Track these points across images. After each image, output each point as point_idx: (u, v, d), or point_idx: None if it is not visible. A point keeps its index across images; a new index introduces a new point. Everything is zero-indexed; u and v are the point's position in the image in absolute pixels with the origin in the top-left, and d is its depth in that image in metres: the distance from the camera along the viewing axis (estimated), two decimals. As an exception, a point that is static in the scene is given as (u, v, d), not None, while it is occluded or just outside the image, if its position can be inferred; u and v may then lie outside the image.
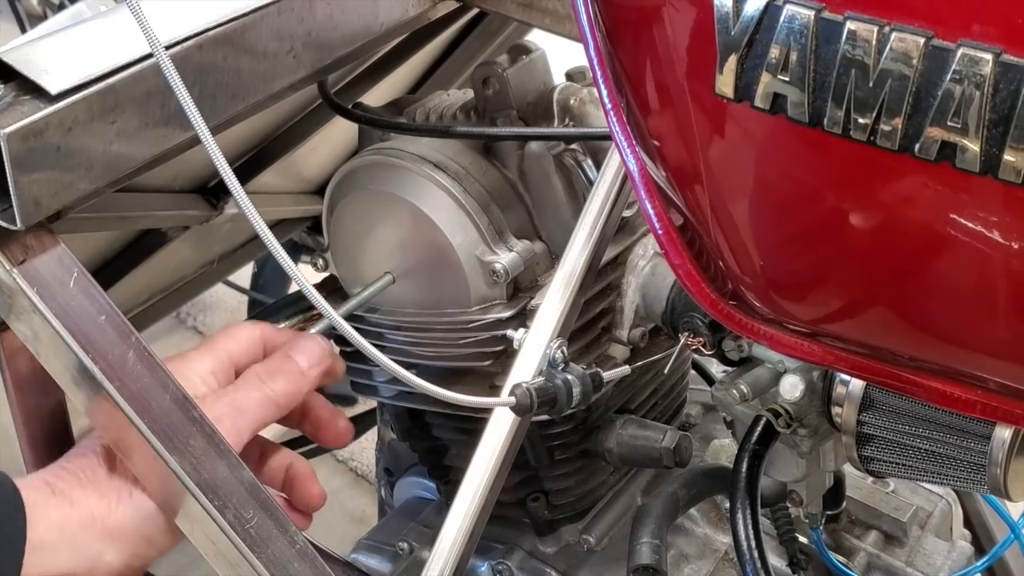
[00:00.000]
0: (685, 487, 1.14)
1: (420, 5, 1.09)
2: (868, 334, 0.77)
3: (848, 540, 1.22)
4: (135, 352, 0.86)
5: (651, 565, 1.06)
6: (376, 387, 1.19)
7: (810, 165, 0.69)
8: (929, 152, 0.62)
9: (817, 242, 0.74)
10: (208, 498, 0.85)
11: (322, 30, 0.98)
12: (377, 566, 1.28)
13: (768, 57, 0.66)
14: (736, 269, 0.80)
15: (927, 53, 0.60)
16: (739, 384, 1.00)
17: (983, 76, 0.59)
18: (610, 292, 1.11)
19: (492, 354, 1.08)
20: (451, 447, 1.23)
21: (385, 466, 1.41)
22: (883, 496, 1.25)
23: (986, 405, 0.73)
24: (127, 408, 0.84)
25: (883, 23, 0.61)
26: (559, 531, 1.22)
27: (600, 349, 1.12)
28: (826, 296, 0.77)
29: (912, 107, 0.62)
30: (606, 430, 1.14)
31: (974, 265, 0.66)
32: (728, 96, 0.69)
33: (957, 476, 0.90)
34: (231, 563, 0.86)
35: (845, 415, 0.95)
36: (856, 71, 0.63)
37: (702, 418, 1.36)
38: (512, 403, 0.91)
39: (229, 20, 0.91)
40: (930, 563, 1.20)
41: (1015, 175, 0.60)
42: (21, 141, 0.80)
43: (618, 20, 0.81)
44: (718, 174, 0.76)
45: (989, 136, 0.60)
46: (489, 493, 0.96)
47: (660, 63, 0.76)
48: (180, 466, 0.85)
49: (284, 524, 0.87)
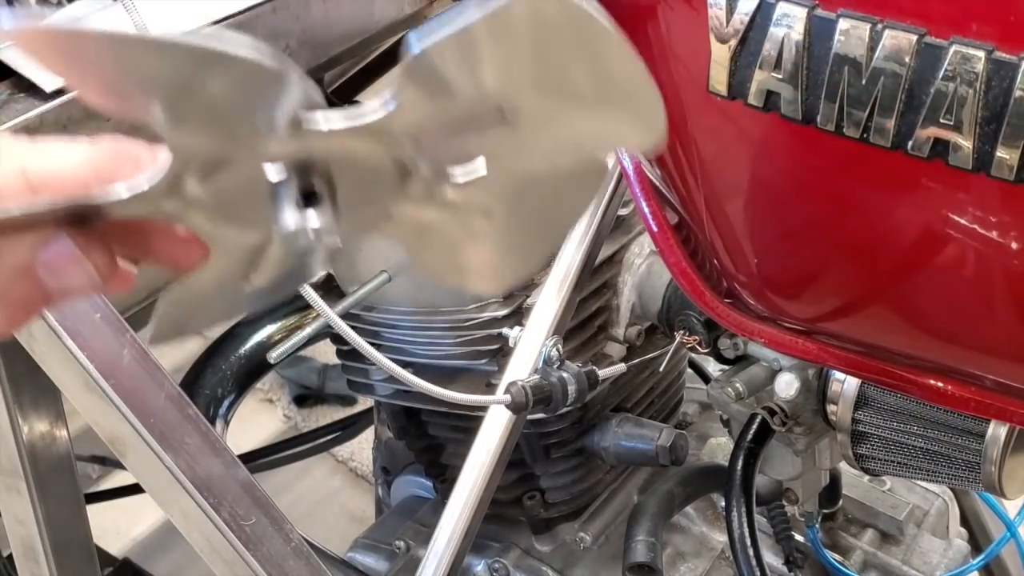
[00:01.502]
0: (681, 485, 1.14)
1: (416, 3, 1.09)
2: (862, 331, 0.77)
3: (844, 538, 1.22)
4: (130, 350, 0.86)
5: (647, 563, 1.06)
6: (373, 386, 1.19)
7: (803, 162, 0.69)
8: (922, 149, 0.62)
9: (811, 239, 0.74)
10: (203, 496, 0.85)
11: (317, 28, 0.99)
12: (374, 564, 1.28)
13: (761, 55, 0.66)
14: (731, 267, 0.80)
15: (920, 51, 0.60)
16: (735, 382, 1.00)
17: (975, 73, 0.59)
18: (606, 290, 1.11)
19: (488, 352, 1.08)
20: (447, 445, 1.23)
21: (382, 465, 1.41)
22: (879, 494, 1.24)
23: (980, 403, 0.73)
24: (122, 406, 0.84)
25: (876, 21, 0.62)
26: (555, 529, 1.21)
27: (596, 347, 1.12)
28: (821, 294, 0.77)
29: (905, 104, 0.62)
30: (602, 428, 1.14)
31: (967, 262, 0.66)
32: (721, 93, 0.69)
33: (952, 474, 0.90)
34: (226, 561, 0.86)
35: (840, 413, 0.95)
36: (849, 69, 0.63)
37: (698, 416, 1.36)
38: (508, 401, 0.91)
39: (224, 18, 0.92)
40: (926, 561, 1.20)
41: (1008, 172, 0.60)
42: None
43: (612, 17, 0.81)
44: (712, 172, 0.76)
45: (981, 133, 0.60)
46: (485, 491, 0.96)
47: (654, 61, 0.76)
48: (175, 463, 0.85)
49: (279, 522, 0.87)
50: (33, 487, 0.98)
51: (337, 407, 2.29)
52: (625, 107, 0.45)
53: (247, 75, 0.40)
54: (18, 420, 0.96)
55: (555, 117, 0.45)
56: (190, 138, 0.42)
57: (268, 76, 0.40)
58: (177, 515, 0.87)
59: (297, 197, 0.44)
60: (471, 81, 0.43)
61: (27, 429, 0.96)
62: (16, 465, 0.97)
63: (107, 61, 0.40)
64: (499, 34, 0.41)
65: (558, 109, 0.45)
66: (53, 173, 0.45)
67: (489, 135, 0.45)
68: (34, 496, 0.98)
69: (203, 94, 0.41)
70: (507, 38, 0.41)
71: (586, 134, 0.47)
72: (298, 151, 0.43)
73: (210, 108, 0.41)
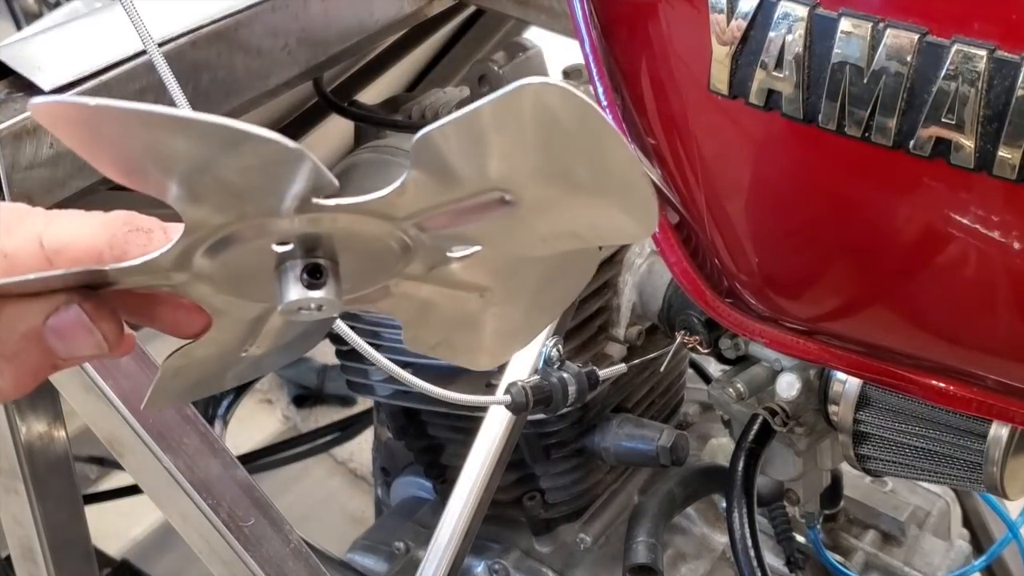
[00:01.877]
0: (682, 486, 1.13)
1: (416, 2, 1.09)
2: (864, 331, 0.77)
3: (846, 539, 1.22)
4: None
5: (647, 564, 1.06)
6: (372, 386, 1.19)
7: (804, 161, 0.69)
8: (924, 149, 0.62)
9: (812, 239, 0.73)
10: (202, 496, 0.85)
11: (316, 27, 0.98)
12: (373, 566, 1.27)
13: (762, 53, 0.66)
14: (732, 267, 0.80)
15: (921, 50, 0.60)
16: (736, 383, 1.00)
17: (977, 73, 0.59)
18: (606, 290, 1.11)
19: (488, 352, 1.08)
20: (447, 446, 1.23)
21: (382, 465, 1.41)
22: (881, 495, 1.24)
23: (982, 403, 0.73)
24: (120, 406, 0.84)
25: (877, 20, 0.61)
26: (555, 530, 1.21)
27: (596, 347, 1.12)
28: (822, 293, 0.77)
29: (906, 104, 0.61)
30: (602, 429, 1.14)
31: (969, 261, 0.65)
32: (722, 92, 0.69)
33: (954, 475, 0.90)
34: (225, 562, 0.86)
35: (841, 413, 0.95)
36: (850, 68, 0.62)
37: (699, 417, 1.36)
38: (507, 401, 0.90)
39: (223, 17, 0.91)
40: (928, 562, 1.20)
41: (1009, 171, 0.60)
42: (14, 138, 0.80)
43: (613, 17, 0.81)
44: (713, 171, 0.76)
45: (983, 132, 0.60)
46: (485, 492, 0.96)
47: (655, 59, 0.76)
48: (173, 464, 0.84)
49: (278, 523, 0.87)
50: (31, 488, 0.98)
51: (336, 408, 2.28)
52: (621, 200, 0.46)
53: (267, 155, 0.41)
54: (16, 421, 0.96)
55: (554, 206, 0.47)
56: (203, 215, 0.43)
57: (287, 157, 0.41)
58: (175, 516, 0.87)
59: (302, 272, 0.45)
60: (475, 166, 0.44)
61: (25, 430, 0.96)
62: (14, 466, 0.96)
63: (128, 137, 0.41)
64: (504, 122, 0.42)
65: (557, 198, 0.46)
66: (68, 243, 0.47)
67: (489, 219, 0.46)
68: (32, 497, 0.98)
69: (221, 173, 0.41)
70: (511, 126, 0.42)
71: (582, 223, 0.48)
72: (306, 228, 0.44)
73: (227, 186, 0.42)
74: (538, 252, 0.50)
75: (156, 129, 0.40)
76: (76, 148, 0.42)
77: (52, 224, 0.47)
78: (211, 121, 0.39)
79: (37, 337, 0.47)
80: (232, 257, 0.46)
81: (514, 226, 0.47)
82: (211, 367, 0.55)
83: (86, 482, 1.88)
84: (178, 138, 0.40)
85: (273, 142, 0.40)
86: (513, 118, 0.42)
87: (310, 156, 0.41)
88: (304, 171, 0.42)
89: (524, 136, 0.43)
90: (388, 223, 0.46)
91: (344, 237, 0.45)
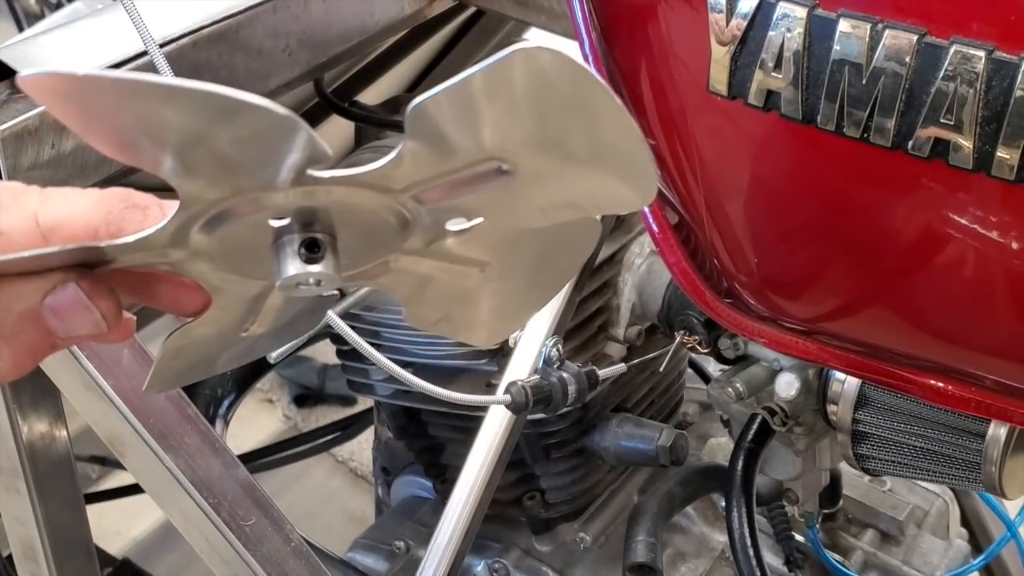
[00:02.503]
0: (681, 485, 1.14)
1: (416, 3, 1.09)
2: (863, 331, 0.77)
3: (845, 539, 1.22)
4: (129, 350, 0.86)
5: (647, 563, 1.06)
6: (373, 386, 1.19)
7: (803, 162, 0.69)
8: (922, 149, 0.62)
9: (811, 239, 0.74)
10: (203, 496, 0.85)
11: (317, 28, 0.99)
12: (374, 565, 1.28)
13: (761, 54, 0.66)
14: (731, 267, 0.80)
15: (920, 51, 0.60)
16: (735, 382, 1.00)
17: (976, 73, 0.59)
18: (606, 290, 1.11)
19: (488, 352, 1.08)
20: (447, 445, 1.23)
21: (382, 465, 1.41)
22: (880, 495, 1.24)
23: (981, 403, 0.73)
24: (121, 406, 0.84)
25: (876, 20, 0.61)
26: (555, 529, 1.21)
27: (596, 347, 1.12)
28: (821, 293, 0.77)
29: (905, 104, 0.62)
30: (602, 428, 1.14)
31: (967, 262, 0.66)
32: (721, 93, 0.69)
33: (952, 474, 0.90)
34: (226, 561, 0.86)
35: (840, 413, 0.95)
36: (849, 68, 0.63)
37: (699, 417, 1.36)
38: (507, 401, 0.91)
39: (224, 18, 0.92)
40: (927, 562, 1.20)
41: (1008, 172, 0.60)
42: (16, 139, 0.80)
43: (612, 18, 0.81)
44: (712, 171, 0.76)
45: (982, 133, 0.60)
46: (485, 491, 0.96)
47: (654, 60, 0.76)
48: (175, 464, 0.85)
49: (279, 522, 0.87)
50: (33, 487, 0.98)
51: (337, 407, 2.29)
52: (618, 168, 0.46)
53: (261, 124, 0.40)
54: (18, 420, 0.96)
55: (551, 175, 0.46)
56: (198, 188, 0.43)
57: (281, 126, 0.40)
58: (177, 515, 0.87)
59: (299, 247, 0.45)
60: (469, 136, 0.43)
61: (27, 429, 0.96)
62: (16, 465, 0.97)
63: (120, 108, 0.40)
64: (497, 89, 0.41)
65: (554, 167, 0.45)
66: (64, 219, 0.46)
67: (486, 190, 0.46)
68: (34, 496, 0.98)
69: (215, 144, 0.41)
70: (505, 93, 0.41)
71: (580, 193, 0.48)
72: (302, 202, 0.44)
73: (221, 158, 0.41)
74: (536, 224, 0.49)
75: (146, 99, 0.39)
76: (68, 122, 0.42)
77: (48, 201, 0.46)
78: (201, 88, 0.39)
79: (35, 316, 0.47)
80: (229, 233, 0.45)
81: (512, 197, 0.47)
82: (212, 347, 0.54)
83: (87, 481, 1.88)
84: (169, 108, 0.39)
85: (264, 108, 0.39)
86: (505, 84, 0.41)
87: (303, 124, 0.40)
88: (298, 140, 0.41)
89: (517, 102, 0.42)
90: (385, 196, 0.45)
91: (341, 211, 0.45)
